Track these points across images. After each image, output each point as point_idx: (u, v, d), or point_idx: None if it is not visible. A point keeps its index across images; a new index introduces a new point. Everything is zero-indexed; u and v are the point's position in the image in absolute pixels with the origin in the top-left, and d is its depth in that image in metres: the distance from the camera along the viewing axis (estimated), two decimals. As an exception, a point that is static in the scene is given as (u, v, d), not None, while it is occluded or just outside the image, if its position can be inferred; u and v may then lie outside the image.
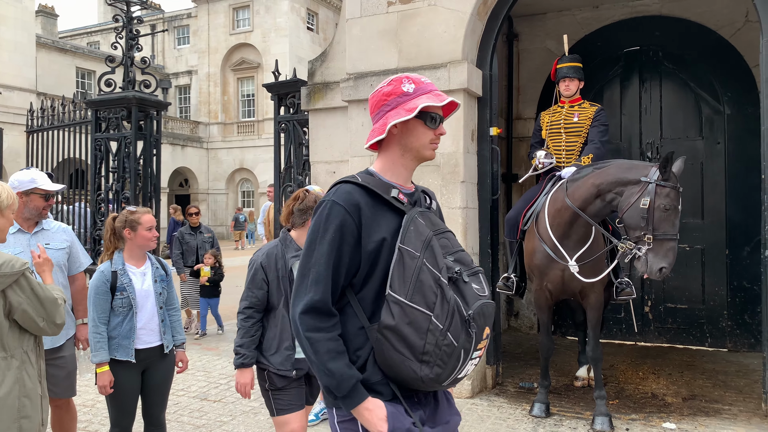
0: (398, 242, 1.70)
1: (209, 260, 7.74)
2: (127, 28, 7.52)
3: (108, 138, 7.48)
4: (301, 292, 1.72)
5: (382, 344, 1.67)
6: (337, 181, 1.82)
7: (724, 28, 6.65)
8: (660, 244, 3.95)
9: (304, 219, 3.01)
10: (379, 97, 1.86)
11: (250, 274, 3.01)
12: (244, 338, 2.99)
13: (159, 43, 35.36)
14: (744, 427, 4.34)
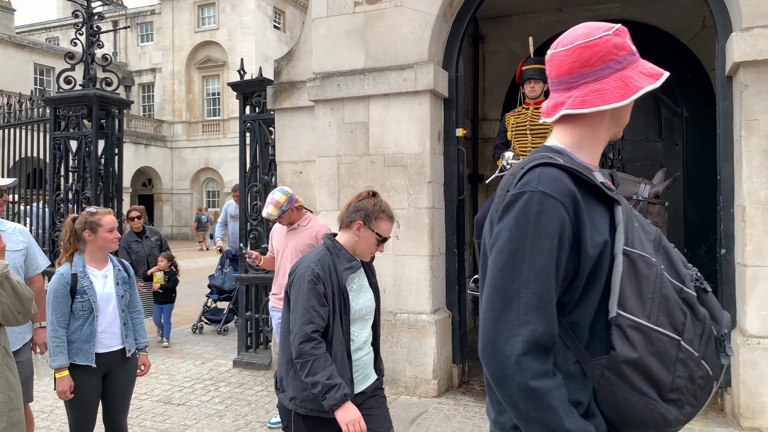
0: (623, 244, 1.26)
1: (163, 264, 7.24)
2: (87, 24, 7.35)
3: (68, 137, 7.30)
4: (512, 322, 1.23)
5: (613, 384, 1.23)
6: (529, 164, 1.32)
7: (683, 33, 6.84)
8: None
9: (352, 219, 2.56)
10: (608, 47, 1.39)
11: (304, 287, 2.41)
12: (326, 367, 2.33)
13: (121, 40, 34.64)
14: (701, 421, 4.47)
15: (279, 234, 4.51)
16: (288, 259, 4.39)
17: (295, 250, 4.36)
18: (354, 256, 2.56)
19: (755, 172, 4.30)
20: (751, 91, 4.32)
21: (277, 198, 4.24)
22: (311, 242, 4.37)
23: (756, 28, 4.26)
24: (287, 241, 4.42)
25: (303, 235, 4.40)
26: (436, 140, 5.33)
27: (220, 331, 7.81)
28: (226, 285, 8.04)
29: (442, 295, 5.44)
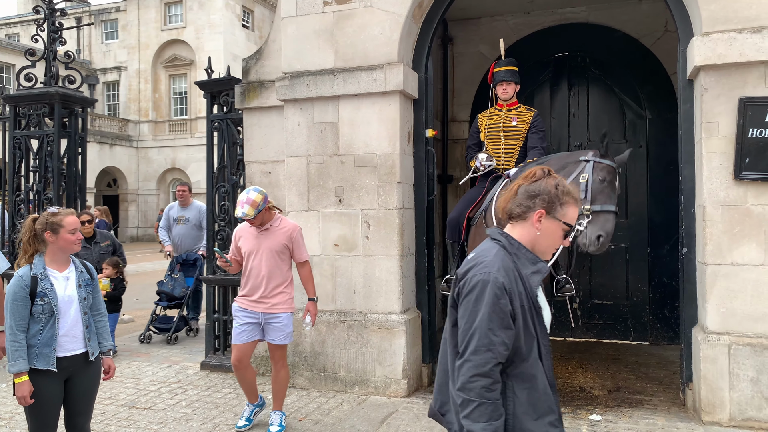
0: None
1: (107, 271, 6.62)
2: (49, 20, 7.17)
3: (28, 135, 7.11)
4: None
5: None
6: None
7: (646, 37, 6.99)
8: (598, 216, 4.17)
9: (528, 206, 2.01)
10: None
11: (485, 301, 1.86)
12: (493, 419, 1.82)
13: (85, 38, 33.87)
14: (664, 416, 4.57)
15: (248, 235, 4.40)
16: (263, 260, 4.30)
17: (271, 251, 4.30)
18: (537, 256, 2.02)
19: (715, 173, 4.42)
20: (711, 95, 4.43)
21: (254, 198, 4.17)
22: (286, 242, 4.33)
23: (716, 33, 4.38)
24: (260, 242, 4.33)
25: (277, 235, 4.33)
26: (405, 141, 5.34)
27: (169, 340, 7.32)
28: (176, 291, 7.61)
29: (412, 295, 5.46)
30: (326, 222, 5.41)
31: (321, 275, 5.41)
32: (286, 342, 4.42)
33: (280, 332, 4.35)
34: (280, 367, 4.44)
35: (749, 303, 4.33)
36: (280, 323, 4.34)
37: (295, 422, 4.58)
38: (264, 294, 4.32)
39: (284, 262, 4.38)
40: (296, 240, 4.42)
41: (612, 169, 4.33)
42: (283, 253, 4.36)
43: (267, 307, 4.33)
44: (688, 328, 4.75)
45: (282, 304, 4.36)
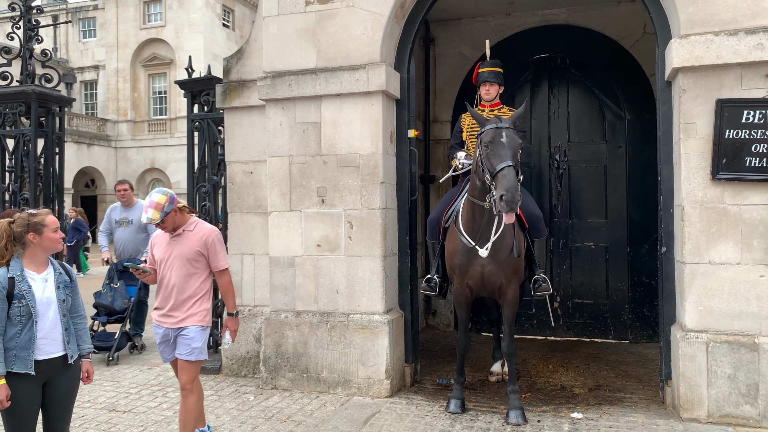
0: None
1: None
2: (25, 17, 7.05)
3: (4, 135, 6.99)
4: None
5: None
6: None
7: (624, 39, 7.08)
8: (498, 179, 4.02)
9: None
10: None
11: None
12: None
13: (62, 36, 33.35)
14: (644, 413, 4.63)
15: (161, 242, 3.95)
16: (173, 269, 3.83)
17: (182, 258, 3.82)
18: None
19: (693, 173, 4.49)
20: (689, 96, 4.50)
21: (157, 200, 3.73)
22: (199, 248, 3.84)
23: (693, 36, 4.45)
24: (171, 248, 3.86)
25: (190, 240, 3.85)
26: (388, 141, 5.34)
27: (110, 360, 6.30)
28: (116, 304, 6.66)
29: (394, 295, 5.46)
30: (309, 222, 5.39)
31: (304, 276, 5.39)
32: (193, 358, 3.82)
33: (186, 346, 3.80)
34: (188, 392, 3.83)
35: (726, 301, 4.41)
36: (188, 336, 3.81)
37: (278, 424, 4.55)
38: (173, 306, 3.84)
39: (198, 271, 3.86)
40: (212, 246, 3.87)
41: (492, 130, 4.19)
42: (196, 261, 3.84)
43: (175, 322, 3.83)
44: (667, 326, 4.81)
45: (193, 317, 3.84)
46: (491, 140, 4.17)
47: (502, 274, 4.59)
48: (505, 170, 4.01)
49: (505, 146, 4.11)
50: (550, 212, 7.24)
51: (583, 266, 7.22)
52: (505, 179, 3.97)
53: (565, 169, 7.26)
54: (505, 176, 3.98)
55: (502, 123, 4.25)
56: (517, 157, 4.18)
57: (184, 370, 3.84)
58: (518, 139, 4.22)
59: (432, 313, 7.95)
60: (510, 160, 4.05)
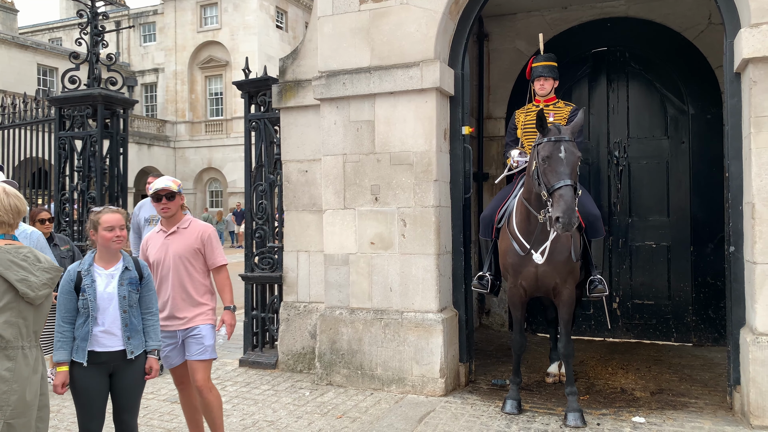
0: None
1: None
2: (92, 23, 7.34)
3: (72, 136, 7.29)
4: None
5: None
6: None
7: (688, 30, 6.81)
8: (555, 197, 3.90)
9: None
10: None
11: None
12: None
13: (124, 41, 34.63)
14: (710, 419, 4.45)
15: (155, 242, 3.82)
16: (171, 269, 3.73)
17: (179, 257, 3.72)
18: None
19: (765, 169, 4.28)
20: (760, 88, 4.29)
21: (172, 179, 3.76)
22: (197, 245, 3.75)
23: (765, 24, 4.23)
24: (167, 248, 3.74)
25: (186, 238, 3.75)
26: (442, 138, 5.31)
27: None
28: None
29: (448, 294, 5.42)
30: (362, 220, 5.41)
31: (357, 273, 5.42)
32: (207, 357, 3.76)
33: (198, 346, 3.73)
34: (207, 391, 3.75)
35: (801, 303, 4.18)
36: (199, 335, 3.75)
37: (334, 420, 4.60)
38: (178, 307, 3.74)
39: (198, 269, 3.79)
40: (209, 242, 3.80)
41: (550, 143, 4.04)
42: (195, 258, 3.76)
43: (183, 323, 3.74)
44: (736, 329, 4.60)
45: (201, 315, 3.78)
46: (549, 155, 4.03)
47: (556, 274, 4.50)
48: (563, 190, 3.88)
49: (563, 162, 3.98)
50: (609, 210, 7.04)
51: (643, 266, 7.00)
52: (563, 200, 3.85)
53: (625, 165, 7.04)
54: (562, 196, 3.86)
55: (561, 134, 4.09)
56: (576, 171, 4.04)
57: (198, 370, 3.74)
58: (577, 153, 4.09)
59: (486, 313, 7.86)
60: (568, 178, 3.92)
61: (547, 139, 4.11)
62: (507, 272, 4.80)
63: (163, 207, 3.73)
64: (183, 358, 3.81)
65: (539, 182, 4.10)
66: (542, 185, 4.06)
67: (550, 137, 4.11)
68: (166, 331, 3.71)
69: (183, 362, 3.83)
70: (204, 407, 3.80)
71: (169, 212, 3.74)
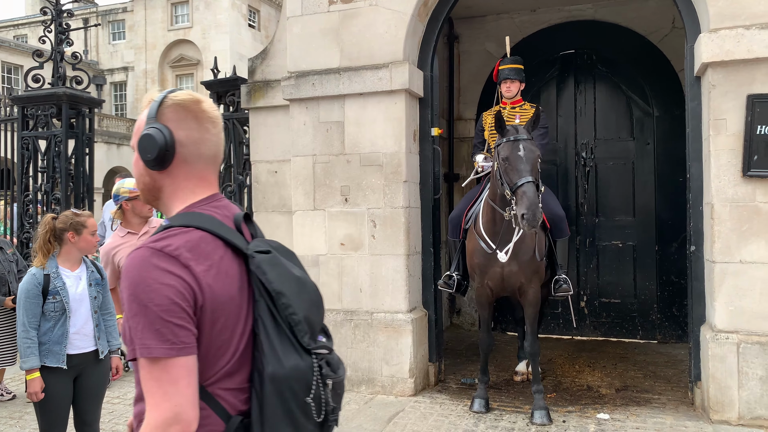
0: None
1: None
2: (56, 21, 7.20)
3: (36, 136, 7.15)
4: None
5: None
6: None
7: (653, 34, 6.95)
8: (518, 195, 3.97)
9: None
10: None
11: None
12: None
13: (92, 38, 34.02)
14: (672, 415, 4.55)
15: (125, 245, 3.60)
16: None
17: None
18: None
19: (723, 171, 4.39)
20: (718, 91, 4.40)
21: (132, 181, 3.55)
22: None
23: (723, 30, 4.35)
24: None
25: None
26: (411, 140, 5.33)
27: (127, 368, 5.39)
28: None
29: (418, 294, 5.45)
30: (332, 221, 5.41)
31: (327, 274, 5.42)
32: None
33: None
34: None
35: (758, 301, 4.30)
36: None
37: (302, 421, 4.58)
38: None
39: None
40: None
41: (509, 143, 4.13)
42: None
43: None
44: (697, 326, 4.72)
45: None
46: (508, 155, 4.12)
47: (522, 274, 4.56)
48: (525, 186, 3.95)
49: (523, 160, 4.05)
50: (577, 210, 7.16)
51: (610, 265, 7.12)
52: (526, 197, 3.91)
53: (592, 166, 7.16)
54: (525, 193, 3.93)
55: (520, 134, 4.18)
56: (536, 168, 4.11)
57: None
58: (536, 151, 4.15)
59: (456, 312, 7.92)
60: (529, 175, 3.99)
61: (506, 139, 4.20)
62: (474, 272, 4.85)
63: (150, 208, 3.68)
64: None
65: (502, 182, 4.17)
66: (505, 185, 4.13)
67: (508, 137, 4.19)
68: None
69: None
70: None
71: (152, 212, 3.72)
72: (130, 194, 3.60)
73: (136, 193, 3.57)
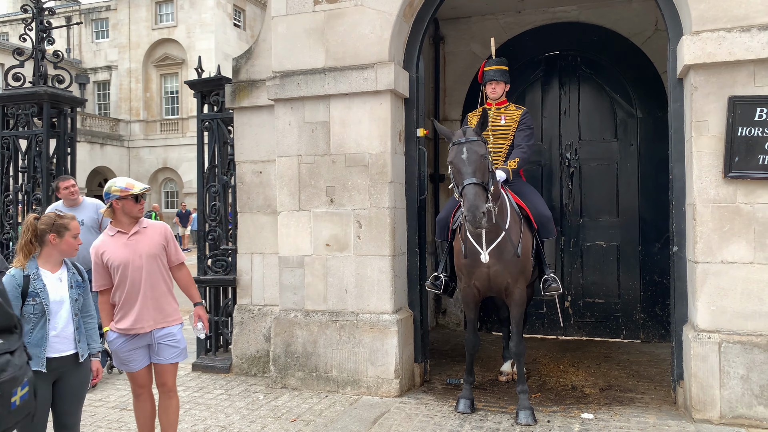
0: None
1: None
2: (37, 19, 7.10)
3: (17, 136, 7.04)
4: None
5: None
6: None
7: (636, 36, 7.01)
8: (463, 198, 4.07)
9: None
10: None
11: None
12: None
13: (75, 37, 33.63)
14: (655, 414, 4.59)
15: (114, 246, 3.62)
16: (143, 269, 3.59)
17: (150, 255, 3.62)
18: None
19: (705, 172, 4.43)
20: (700, 93, 4.45)
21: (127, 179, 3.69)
22: (163, 242, 3.71)
23: (705, 32, 4.39)
24: (132, 249, 3.60)
25: (150, 237, 3.68)
26: (397, 140, 5.33)
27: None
28: None
29: (404, 295, 5.45)
30: (318, 222, 5.39)
31: (313, 275, 5.40)
32: (181, 359, 3.77)
33: (173, 349, 3.69)
34: (174, 393, 3.78)
35: (739, 301, 4.35)
36: (175, 337, 3.70)
37: (287, 423, 4.56)
38: (148, 308, 3.61)
39: (163, 268, 3.70)
40: (171, 238, 3.78)
41: (455, 147, 4.18)
42: (162, 256, 3.70)
43: (153, 324, 3.62)
44: (679, 326, 4.76)
45: (173, 315, 3.71)
46: (453, 158, 4.19)
47: (507, 274, 4.57)
48: (466, 188, 4.02)
49: (465, 163, 4.11)
50: (561, 211, 7.20)
51: (594, 265, 7.17)
52: (467, 199, 3.99)
53: (576, 167, 7.20)
54: (466, 195, 4.01)
55: (466, 136, 4.21)
56: (483, 169, 4.12)
57: (169, 373, 3.72)
58: (481, 151, 4.15)
59: (442, 313, 7.93)
60: (472, 177, 4.04)
61: (452, 143, 4.25)
62: (461, 273, 4.85)
63: (140, 208, 3.69)
64: (147, 362, 3.70)
65: (455, 185, 4.23)
66: (456, 188, 4.20)
67: (454, 141, 4.24)
68: (131, 334, 3.59)
69: (147, 366, 3.71)
70: (170, 411, 3.77)
71: (141, 210, 3.70)
72: (121, 193, 3.58)
73: (127, 192, 3.58)
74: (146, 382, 3.75)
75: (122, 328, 3.60)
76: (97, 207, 5.93)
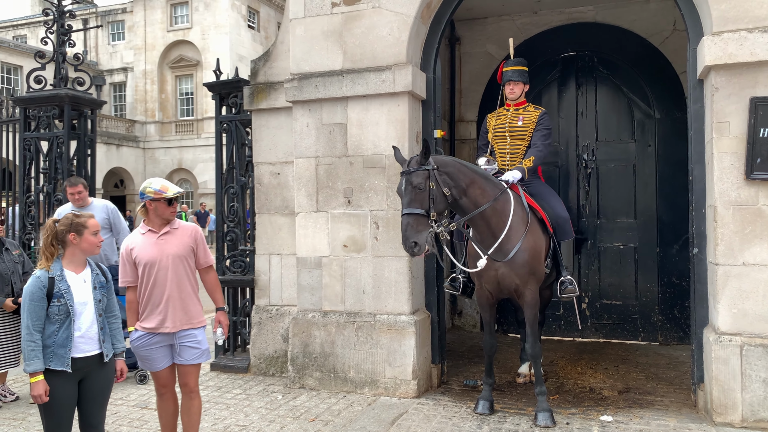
0: None
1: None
2: (58, 22, 7.21)
3: (38, 137, 7.15)
4: None
5: None
6: None
7: (654, 36, 6.97)
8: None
9: None
10: None
11: None
12: None
13: (92, 39, 34.01)
14: (675, 417, 4.56)
15: (144, 244, 3.69)
16: (169, 269, 3.63)
17: (178, 256, 3.67)
18: None
19: (726, 173, 4.40)
20: (721, 94, 4.41)
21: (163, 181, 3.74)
22: (192, 244, 3.75)
23: (726, 33, 4.36)
24: (161, 248, 3.65)
25: (180, 238, 3.73)
26: (414, 141, 5.34)
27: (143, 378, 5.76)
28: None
29: (421, 296, 5.46)
30: (335, 223, 5.41)
31: (330, 276, 5.42)
32: (203, 360, 3.81)
33: (195, 350, 3.73)
34: (195, 394, 3.82)
35: (761, 303, 4.31)
36: (197, 338, 3.74)
37: (306, 423, 4.59)
38: (174, 309, 3.66)
39: (190, 270, 3.76)
40: (201, 241, 3.82)
41: (403, 174, 4.23)
42: (189, 258, 3.75)
43: (178, 326, 3.67)
44: (699, 328, 4.73)
45: (197, 317, 3.76)
46: (397, 189, 4.32)
47: (515, 276, 4.57)
48: (401, 219, 4.16)
49: (403, 194, 4.21)
50: (578, 212, 7.16)
51: (611, 267, 7.13)
52: (402, 228, 4.13)
53: (594, 168, 7.17)
54: (402, 224, 4.14)
55: (407, 167, 4.23)
56: (421, 198, 4.15)
57: (191, 374, 3.77)
58: (416, 181, 4.16)
59: (458, 314, 7.93)
60: (406, 207, 4.14)
61: (403, 170, 4.28)
62: (474, 276, 4.87)
63: (172, 211, 3.74)
64: (170, 361, 3.75)
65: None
66: None
67: (405, 169, 4.27)
68: (157, 333, 3.65)
69: (170, 366, 3.76)
70: (192, 411, 3.82)
71: (173, 212, 3.76)
72: (155, 195, 3.65)
73: (161, 195, 3.65)
74: (169, 381, 3.80)
75: (148, 327, 3.66)
76: (107, 207, 6.07)
